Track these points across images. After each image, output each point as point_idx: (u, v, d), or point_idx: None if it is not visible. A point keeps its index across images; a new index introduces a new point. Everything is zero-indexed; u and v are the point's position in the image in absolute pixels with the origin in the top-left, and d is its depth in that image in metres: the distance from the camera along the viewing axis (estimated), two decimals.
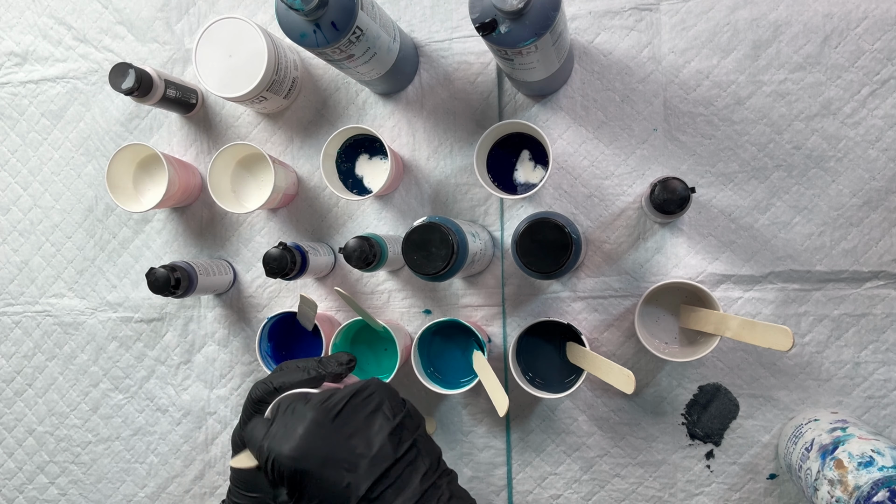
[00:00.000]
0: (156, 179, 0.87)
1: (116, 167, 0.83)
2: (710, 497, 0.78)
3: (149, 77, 0.80)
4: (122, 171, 0.85)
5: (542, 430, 0.82)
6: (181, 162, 0.86)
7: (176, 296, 0.78)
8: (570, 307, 0.81)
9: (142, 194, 0.87)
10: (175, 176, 0.82)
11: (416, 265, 0.65)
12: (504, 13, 0.58)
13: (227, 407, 0.89)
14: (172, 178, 0.81)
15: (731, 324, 0.68)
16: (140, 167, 0.87)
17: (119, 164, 0.84)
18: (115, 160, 0.83)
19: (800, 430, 0.71)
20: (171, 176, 0.81)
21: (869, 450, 0.61)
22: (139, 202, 0.86)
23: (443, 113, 0.83)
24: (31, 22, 0.93)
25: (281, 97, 0.83)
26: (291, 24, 0.64)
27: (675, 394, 0.79)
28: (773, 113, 0.76)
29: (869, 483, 0.58)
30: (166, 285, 0.76)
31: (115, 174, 0.84)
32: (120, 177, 0.85)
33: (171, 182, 0.81)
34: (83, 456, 0.93)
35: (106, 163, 0.91)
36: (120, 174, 0.85)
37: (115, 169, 0.83)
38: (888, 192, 0.74)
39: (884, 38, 0.74)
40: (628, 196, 0.79)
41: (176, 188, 0.82)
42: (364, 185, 0.83)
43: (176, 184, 0.82)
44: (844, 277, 0.75)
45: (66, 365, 0.93)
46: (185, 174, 0.85)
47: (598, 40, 0.79)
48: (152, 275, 0.77)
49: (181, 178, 0.83)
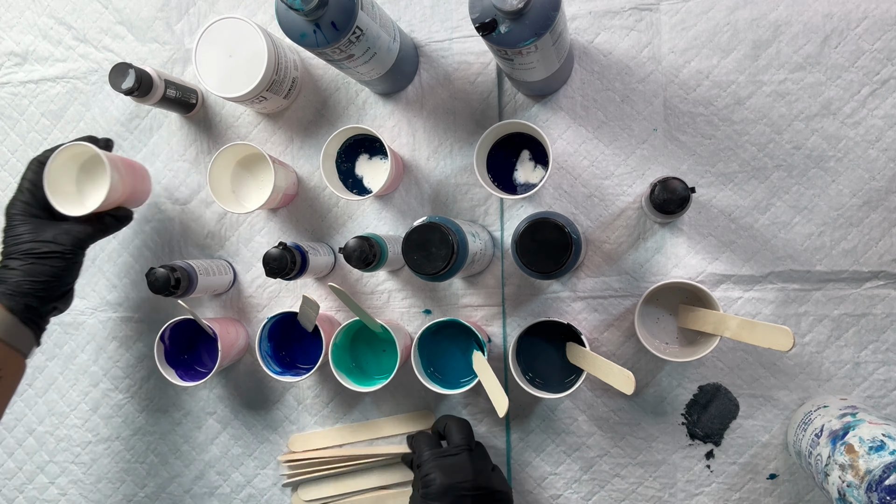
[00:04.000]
0: (97, 183, 0.79)
1: (57, 168, 0.75)
2: (710, 497, 0.78)
3: (149, 77, 0.80)
4: (62, 172, 0.77)
5: (542, 430, 0.82)
6: (128, 163, 0.80)
7: (176, 296, 0.78)
8: (570, 307, 0.81)
9: (85, 196, 0.79)
10: (118, 181, 0.76)
11: (416, 265, 0.66)
12: (504, 13, 0.58)
13: (227, 407, 0.89)
14: (115, 182, 0.75)
15: (730, 324, 0.68)
16: (82, 169, 0.80)
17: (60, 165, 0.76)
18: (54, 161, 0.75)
19: (809, 417, 0.71)
20: (114, 181, 0.74)
21: (880, 434, 0.61)
22: (81, 204, 0.77)
23: (443, 113, 0.83)
24: (31, 22, 0.93)
25: (281, 97, 0.83)
26: (291, 24, 0.64)
27: (675, 394, 0.79)
28: (773, 113, 0.76)
29: (880, 467, 0.58)
30: (166, 285, 0.76)
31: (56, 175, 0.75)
32: (60, 178, 0.76)
33: (114, 187, 0.74)
34: (83, 456, 0.93)
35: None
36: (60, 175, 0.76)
37: (56, 170, 0.75)
38: (888, 192, 0.74)
39: (884, 38, 0.74)
40: (628, 196, 0.79)
41: (119, 194, 0.76)
42: (364, 185, 0.83)
43: (119, 190, 0.76)
44: (844, 277, 0.75)
45: (66, 365, 0.93)
46: (132, 178, 0.79)
47: (598, 40, 0.79)
48: (152, 275, 0.77)
49: (125, 182, 0.77)
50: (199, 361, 0.87)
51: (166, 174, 0.90)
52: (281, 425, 0.88)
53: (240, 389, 0.89)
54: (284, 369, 0.83)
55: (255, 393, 0.88)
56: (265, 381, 0.88)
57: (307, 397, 0.87)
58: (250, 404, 0.89)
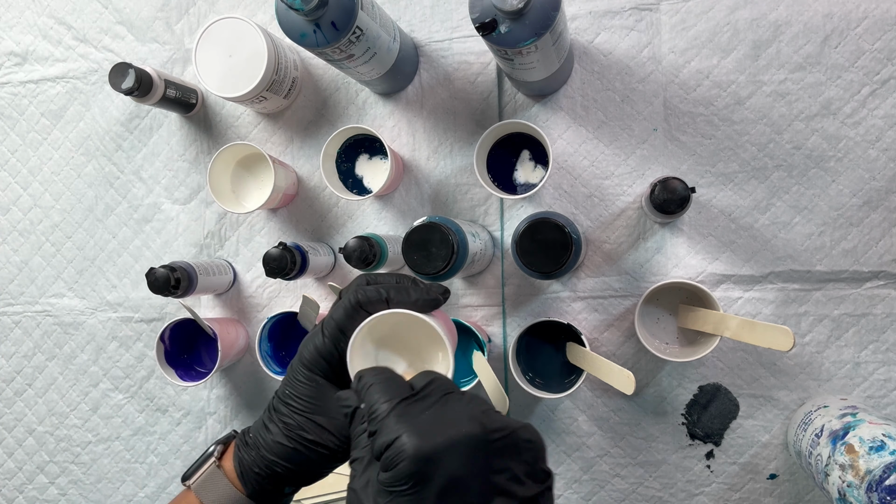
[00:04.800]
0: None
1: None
2: (710, 497, 0.78)
3: (149, 77, 0.80)
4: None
5: (542, 430, 0.82)
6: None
7: (176, 296, 0.78)
8: (570, 307, 0.81)
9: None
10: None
11: (416, 265, 0.66)
12: (504, 13, 0.58)
13: (227, 407, 0.89)
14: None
15: (730, 324, 0.68)
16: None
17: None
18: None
19: (809, 417, 0.71)
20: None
21: (880, 434, 0.61)
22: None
23: (443, 113, 0.83)
24: (31, 22, 0.93)
25: (281, 97, 0.83)
26: (291, 24, 0.64)
27: (675, 394, 0.79)
28: (773, 113, 0.76)
29: (881, 467, 0.58)
30: (166, 285, 0.76)
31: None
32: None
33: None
34: (83, 456, 0.93)
35: (106, 162, 0.92)
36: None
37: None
38: (888, 191, 0.74)
39: (884, 38, 0.74)
40: (628, 196, 0.79)
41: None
42: (364, 185, 0.83)
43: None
44: (844, 277, 0.75)
45: (66, 365, 0.93)
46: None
47: (598, 40, 0.79)
48: (152, 275, 0.77)
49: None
50: (199, 361, 0.87)
51: (166, 174, 0.90)
52: None
53: (240, 389, 0.89)
54: (284, 369, 0.83)
55: (255, 393, 0.88)
56: (265, 381, 0.88)
57: None
58: (250, 404, 0.89)
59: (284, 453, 0.47)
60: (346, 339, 0.46)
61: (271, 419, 0.48)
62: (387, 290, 0.47)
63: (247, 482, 0.48)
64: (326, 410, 0.47)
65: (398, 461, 0.36)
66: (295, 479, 0.48)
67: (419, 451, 0.36)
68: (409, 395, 0.40)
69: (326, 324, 0.47)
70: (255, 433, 0.48)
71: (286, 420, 0.47)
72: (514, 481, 0.38)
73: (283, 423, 0.47)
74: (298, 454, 0.47)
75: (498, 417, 0.39)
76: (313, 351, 0.47)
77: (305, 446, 0.46)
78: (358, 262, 0.70)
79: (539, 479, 0.39)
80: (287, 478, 0.48)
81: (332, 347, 0.46)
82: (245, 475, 0.48)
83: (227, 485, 0.49)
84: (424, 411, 0.39)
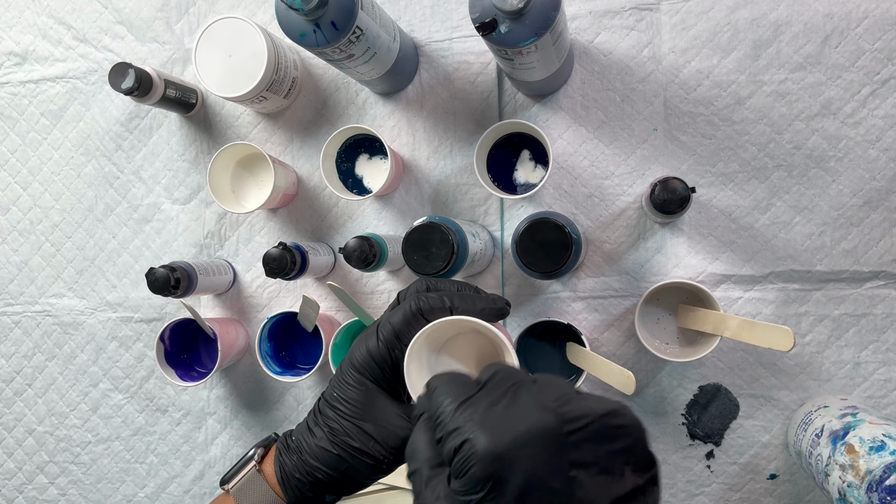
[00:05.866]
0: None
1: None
2: (710, 497, 0.78)
3: (148, 77, 0.80)
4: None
5: None
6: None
7: (176, 296, 0.78)
8: (570, 307, 0.81)
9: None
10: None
11: (416, 265, 0.65)
12: (504, 13, 0.58)
13: (227, 407, 0.89)
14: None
15: (730, 324, 0.68)
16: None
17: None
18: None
19: (809, 417, 0.71)
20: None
21: (880, 434, 0.61)
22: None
23: (443, 113, 0.83)
24: (31, 22, 0.93)
25: (281, 97, 0.83)
26: (291, 23, 0.64)
27: (676, 394, 0.79)
28: (773, 113, 0.76)
29: (881, 467, 0.58)
30: (166, 285, 0.76)
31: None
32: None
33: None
34: (83, 456, 0.93)
35: (106, 162, 0.91)
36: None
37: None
38: (888, 191, 0.74)
39: (884, 38, 0.74)
40: (628, 196, 0.79)
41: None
42: (364, 185, 0.83)
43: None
44: (845, 277, 0.75)
45: (65, 365, 0.93)
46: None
47: (598, 40, 0.79)
48: (152, 275, 0.77)
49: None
50: (198, 361, 0.87)
51: (166, 174, 0.90)
52: (281, 425, 0.88)
53: (240, 389, 0.89)
54: (284, 369, 0.83)
55: (255, 393, 0.88)
56: (265, 381, 0.88)
57: (307, 397, 0.87)
58: (250, 404, 0.89)
59: (328, 459, 0.45)
60: (401, 345, 0.44)
61: (316, 422, 0.46)
62: (450, 299, 0.45)
63: (288, 488, 0.46)
64: (374, 417, 0.45)
65: (469, 465, 0.32)
66: (337, 487, 0.46)
67: (490, 451, 0.32)
68: (474, 393, 0.36)
69: (382, 327, 0.45)
70: (299, 436, 0.47)
71: (332, 424, 0.45)
72: (604, 475, 0.33)
73: (329, 428, 0.45)
74: (342, 461, 0.45)
75: (581, 404, 0.34)
76: (365, 354, 0.45)
77: (350, 454, 0.45)
78: (358, 262, 0.70)
79: (639, 469, 0.34)
80: (328, 485, 0.46)
81: (386, 352, 0.45)
82: (286, 481, 0.46)
83: (268, 490, 0.47)
84: (492, 406, 0.34)
